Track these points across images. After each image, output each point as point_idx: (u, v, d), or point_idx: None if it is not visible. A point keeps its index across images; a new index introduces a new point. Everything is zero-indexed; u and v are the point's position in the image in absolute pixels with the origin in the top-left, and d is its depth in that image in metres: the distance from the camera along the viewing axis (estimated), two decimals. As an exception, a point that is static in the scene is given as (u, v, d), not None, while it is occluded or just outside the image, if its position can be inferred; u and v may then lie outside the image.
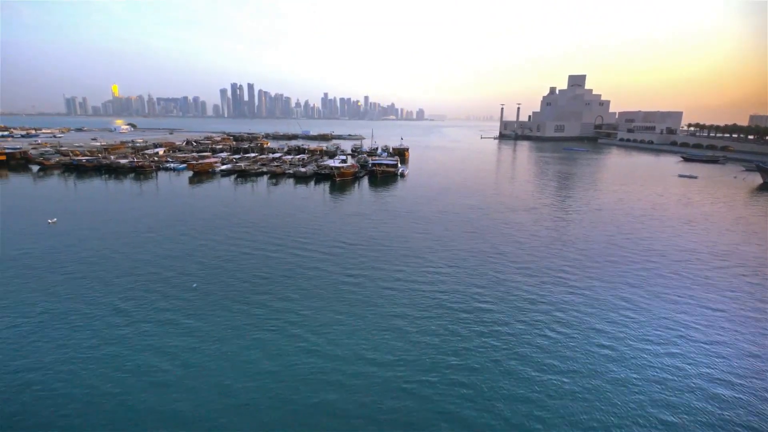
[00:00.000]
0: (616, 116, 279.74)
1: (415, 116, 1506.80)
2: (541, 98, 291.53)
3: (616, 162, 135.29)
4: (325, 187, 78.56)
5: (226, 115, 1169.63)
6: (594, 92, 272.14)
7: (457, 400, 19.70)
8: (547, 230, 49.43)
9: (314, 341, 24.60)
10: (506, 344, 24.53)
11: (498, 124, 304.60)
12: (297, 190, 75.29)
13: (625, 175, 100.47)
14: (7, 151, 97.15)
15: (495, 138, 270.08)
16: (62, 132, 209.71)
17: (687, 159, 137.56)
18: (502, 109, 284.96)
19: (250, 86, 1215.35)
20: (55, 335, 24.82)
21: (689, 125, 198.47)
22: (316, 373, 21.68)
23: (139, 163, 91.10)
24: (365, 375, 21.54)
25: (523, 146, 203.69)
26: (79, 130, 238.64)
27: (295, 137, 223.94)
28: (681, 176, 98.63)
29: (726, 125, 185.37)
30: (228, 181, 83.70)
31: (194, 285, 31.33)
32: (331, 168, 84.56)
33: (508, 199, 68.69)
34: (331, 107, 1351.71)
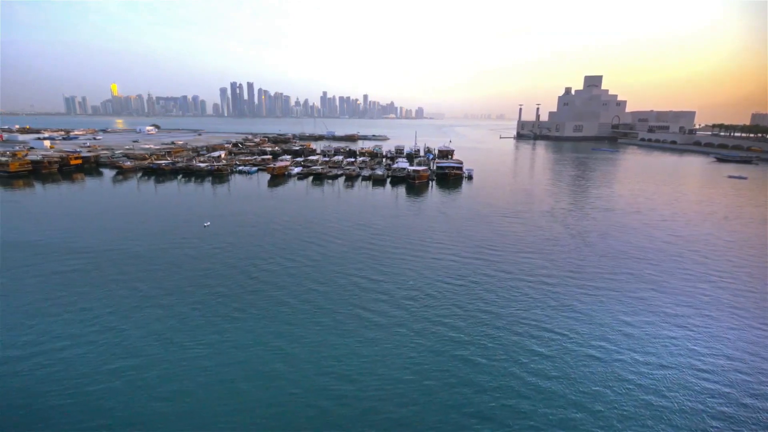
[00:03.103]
0: (630, 116, 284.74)
1: (414, 115, 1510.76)
2: (557, 98, 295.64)
3: (652, 163, 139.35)
4: (401, 189, 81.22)
5: (226, 114, 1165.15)
6: (608, 93, 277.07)
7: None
8: (671, 236, 53.15)
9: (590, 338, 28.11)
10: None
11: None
12: (380, 192, 78.16)
13: (677, 177, 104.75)
14: (83, 155, 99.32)
15: (513, 138, 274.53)
16: (93, 133, 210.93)
17: (720, 159, 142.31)
18: (521, 109, 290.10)
19: (250, 85, 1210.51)
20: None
21: (713, 125, 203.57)
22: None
23: (217, 167, 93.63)
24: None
25: (547, 147, 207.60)
26: (104, 131, 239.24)
27: (321, 138, 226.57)
28: (731, 177, 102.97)
29: (749, 125, 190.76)
30: (305, 184, 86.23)
31: (410, 282, 34.63)
32: (410, 171, 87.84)
33: (597, 201, 72.19)
34: (330, 106, 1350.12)
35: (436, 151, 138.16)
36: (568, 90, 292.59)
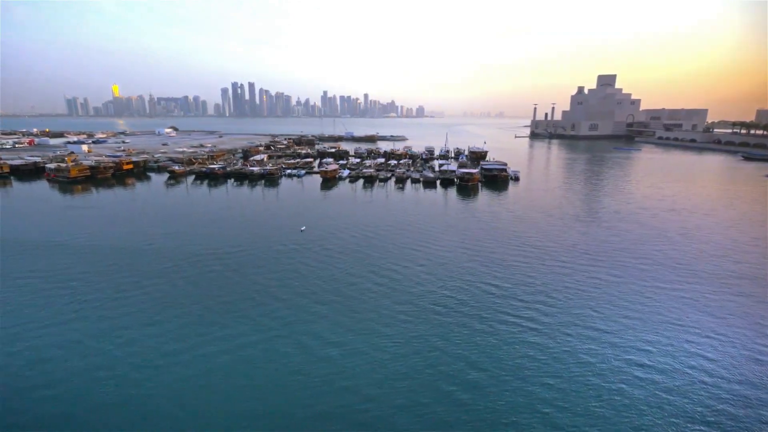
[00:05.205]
0: (644, 115, 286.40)
1: (414, 113, 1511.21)
2: (570, 97, 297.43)
3: (680, 162, 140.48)
4: (452, 192, 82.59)
5: (227, 114, 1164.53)
6: (621, 92, 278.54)
7: None
8: (751, 238, 54.72)
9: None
10: None
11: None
12: (435, 194, 79.47)
13: (714, 177, 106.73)
14: (133, 160, 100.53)
15: (527, 137, 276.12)
16: (114, 136, 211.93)
17: (747, 158, 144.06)
18: (535, 109, 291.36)
19: (251, 85, 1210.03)
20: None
21: (733, 124, 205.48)
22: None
23: (270, 171, 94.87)
24: None
25: (565, 146, 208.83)
26: (123, 133, 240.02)
27: (340, 138, 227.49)
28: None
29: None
30: (357, 186, 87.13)
31: (536, 285, 36.10)
32: (461, 174, 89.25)
33: (656, 202, 73.48)
34: (331, 105, 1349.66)
35: (467, 152, 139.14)
36: (581, 89, 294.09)
